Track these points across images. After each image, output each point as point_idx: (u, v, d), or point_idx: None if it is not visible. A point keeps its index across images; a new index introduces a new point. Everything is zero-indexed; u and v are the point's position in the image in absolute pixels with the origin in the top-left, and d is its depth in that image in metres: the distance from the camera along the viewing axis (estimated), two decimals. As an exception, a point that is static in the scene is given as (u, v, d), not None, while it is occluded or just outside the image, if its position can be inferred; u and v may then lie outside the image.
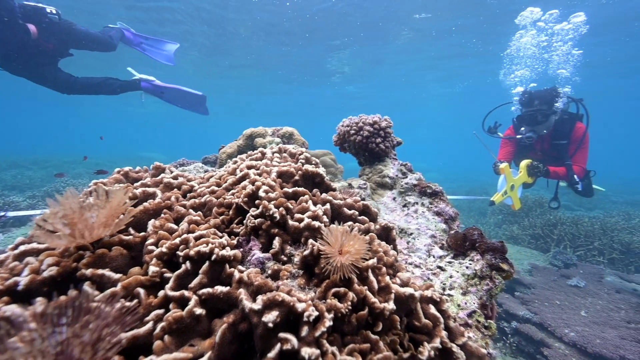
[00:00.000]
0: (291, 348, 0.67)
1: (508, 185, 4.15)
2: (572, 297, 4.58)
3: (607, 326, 3.91)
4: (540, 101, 4.44)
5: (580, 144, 4.49)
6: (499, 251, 1.30)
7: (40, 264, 0.80)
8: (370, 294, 0.84)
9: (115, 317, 0.69)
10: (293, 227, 0.95)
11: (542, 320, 4.01)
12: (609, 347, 3.47)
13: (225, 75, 17.89)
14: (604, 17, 9.47)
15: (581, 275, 4.98)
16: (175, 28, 11.18)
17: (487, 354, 0.98)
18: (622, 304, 4.33)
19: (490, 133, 4.92)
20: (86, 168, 15.36)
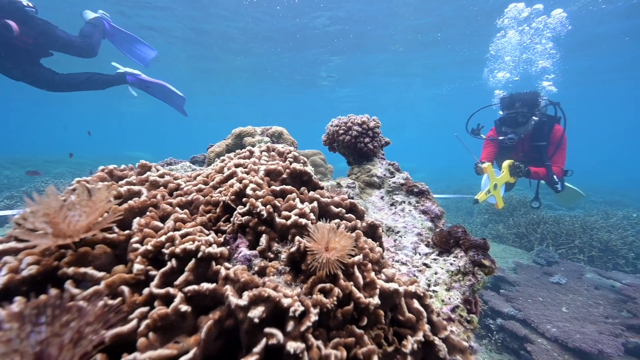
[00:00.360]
0: (277, 343, 0.67)
1: (491, 185, 4.26)
2: (554, 293, 4.72)
3: (587, 321, 4.05)
4: (521, 104, 4.59)
5: (559, 146, 4.67)
6: (482, 248, 1.33)
7: (19, 262, 0.78)
8: (356, 289, 0.85)
9: (97, 315, 0.68)
10: (280, 224, 0.95)
11: (526, 317, 4.12)
12: (588, 342, 3.59)
13: (214, 76, 17.73)
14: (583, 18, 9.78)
15: (563, 273, 5.14)
16: (163, 32, 11.01)
17: (468, 346, 1.00)
18: (601, 299, 4.49)
19: (474, 134, 5.06)
20: (69, 167, 14.93)
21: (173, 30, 11.12)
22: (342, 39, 12.05)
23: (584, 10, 9.28)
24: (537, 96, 4.62)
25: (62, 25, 4.24)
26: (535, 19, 8.29)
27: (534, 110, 4.60)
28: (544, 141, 4.70)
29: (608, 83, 17.60)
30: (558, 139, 4.68)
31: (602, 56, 12.89)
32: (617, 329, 3.75)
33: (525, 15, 8.32)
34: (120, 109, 38.17)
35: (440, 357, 0.85)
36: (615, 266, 5.51)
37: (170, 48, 12.84)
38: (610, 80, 16.87)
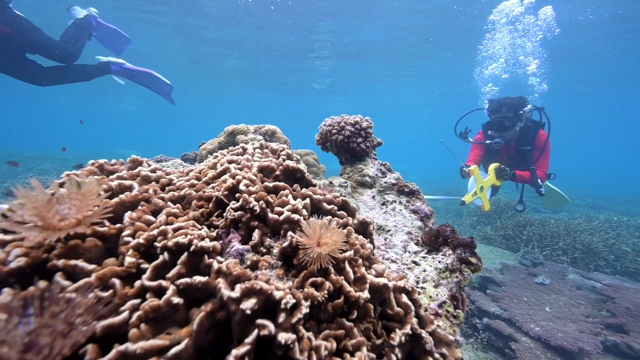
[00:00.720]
0: (268, 334, 0.69)
1: (477, 187, 4.34)
2: (538, 294, 4.84)
3: (569, 320, 4.17)
4: (508, 108, 4.69)
5: (543, 150, 4.79)
6: (469, 246, 1.37)
7: (6, 255, 0.77)
8: (346, 283, 0.87)
9: (88, 306, 0.68)
10: (273, 219, 0.96)
11: (511, 316, 4.21)
12: (569, 340, 3.70)
13: (206, 75, 17.59)
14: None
15: (547, 274, 5.28)
16: (156, 27, 10.86)
17: (454, 340, 1.03)
18: (582, 299, 4.63)
19: (462, 137, 5.14)
20: (53, 164, 14.56)
21: (166, 28, 10.99)
22: (335, 42, 12.13)
23: (572, 18, 9.55)
24: (523, 101, 4.72)
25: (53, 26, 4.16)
26: (526, 15, 8.50)
27: (519, 115, 4.70)
28: (529, 146, 4.82)
29: (590, 95, 18.16)
30: (542, 144, 4.78)
31: (588, 63, 13.29)
32: (597, 328, 3.87)
33: (516, 14, 8.52)
34: (108, 106, 37.45)
35: (427, 349, 0.87)
36: (596, 267, 5.68)
37: (163, 46, 12.71)
38: (592, 92, 17.41)
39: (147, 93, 21.77)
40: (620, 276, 5.44)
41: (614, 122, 42.08)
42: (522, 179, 4.79)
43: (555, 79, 13.69)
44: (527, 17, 8.60)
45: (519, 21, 8.72)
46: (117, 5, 10.10)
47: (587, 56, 12.02)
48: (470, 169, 4.35)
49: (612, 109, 27.02)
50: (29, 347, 0.59)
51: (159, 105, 33.41)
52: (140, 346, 0.63)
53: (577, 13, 9.42)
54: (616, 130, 53.23)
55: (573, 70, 13.33)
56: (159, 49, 13.70)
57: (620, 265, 5.64)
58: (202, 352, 0.72)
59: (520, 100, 4.72)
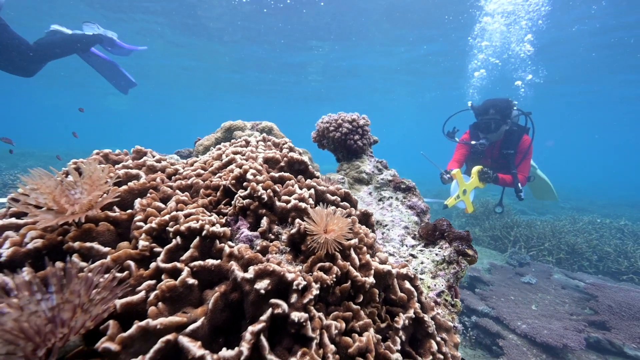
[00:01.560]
0: (282, 312, 0.72)
1: (460, 190, 4.37)
2: (525, 292, 4.97)
3: (554, 318, 4.29)
4: (495, 110, 4.72)
5: (526, 155, 4.85)
6: (465, 239, 1.43)
7: (22, 237, 0.78)
8: (353, 269, 0.90)
9: (106, 286, 0.70)
10: (280, 207, 0.99)
11: (499, 315, 4.32)
12: (554, 337, 3.81)
13: (198, 74, 17.44)
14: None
15: (533, 273, 5.43)
16: (146, 14, 10.69)
17: (453, 326, 1.08)
18: (567, 298, 4.78)
19: (449, 137, 5.16)
20: (38, 161, 14.19)
21: (156, 17, 10.83)
22: (327, 37, 12.20)
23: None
24: (510, 104, 4.76)
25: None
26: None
27: (506, 118, 4.74)
28: (512, 149, 4.86)
29: (575, 95, 18.67)
30: (525, 149, 4.80)
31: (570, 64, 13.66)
32: (581, 325, 4.01)
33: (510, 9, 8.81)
34: (96, 104, 36.67)
35: (429, 332, 0.91)
36: (580, 267, 5.87)
37: (153, 39, 12.54)
38: (574, 92, 17.91)
39: (138, 93, 21.26)
40: (603, 276, 5.64)
41: (596, 128, 43.53)
42: (504, 182, 4.83)
43: (542, 74, 14.06)
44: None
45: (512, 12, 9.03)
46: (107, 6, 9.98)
47: (572, 55, 12.36)
48: (453, 173, 4.29)
49: (595, 114, 27.96)
50: (52, 321, 0.60)
51: (148, 104, 32.94)
52: (160, 322, 0.65)
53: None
54: (598, 136, 55.08)
55: (558, 67, 13.69)
56: (152, 48, 13.54)
57: (603, 266, 5.84)
58: (216, 330, 0.74)
59: (507, 103, 4.77)
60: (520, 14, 9.04)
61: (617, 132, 45.46)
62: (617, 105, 20.88)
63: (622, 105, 19.81)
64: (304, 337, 0.72)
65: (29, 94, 36.31)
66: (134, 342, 0.64)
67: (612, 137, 55.42)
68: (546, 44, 10.50)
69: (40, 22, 10.49)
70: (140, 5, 9.74)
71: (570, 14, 8.91)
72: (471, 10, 9.25)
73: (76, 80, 19.91)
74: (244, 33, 11.28)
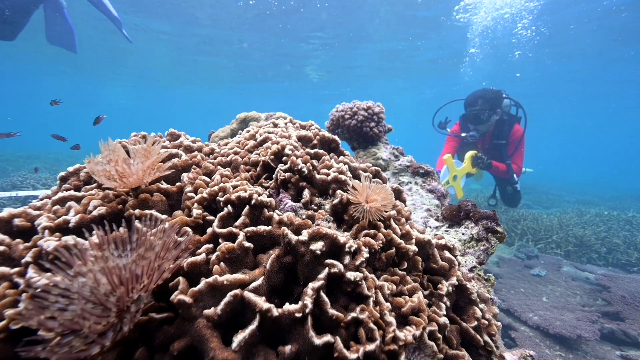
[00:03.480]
0: (338, 271, 0.74)
1: (450, 176, 4.22)
2: (534, 285, 4.97)
3: (566, 310, 4.30)
4: (483, 100, 4.56)
5: (518, 145, 4.72)
6: (492, 218, 1.45)
7: (85, 206, 0.81)
8: (396, 236, 0.93)
9: (172, 246, 0.72)
10: (321, 180, 1.02)
11: (509, 307, 4.33)
12: (567, 328, 3.82)
13: (199, 70, 17.51)
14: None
15: (542, 266, 5.43)
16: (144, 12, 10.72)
17: (490, 298, 1.10)
18: (578, 290, 4.78)
19: (440, 128, 5.06)
20: (45, 163, 14.29)
21: (156, 14, 10.87)
22: (328, 39, 12.24)
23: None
24: (499, 95, 4.64)
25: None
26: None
27: (495, 109, 4.55)
28: (504, 140, 4.69)
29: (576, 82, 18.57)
30: (518, 139, 4.68)
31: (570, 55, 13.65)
32: (594, 316, 4.01)
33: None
34: (96, 99, 36.85)
35: (472, 299, 0.94)
36: (589, 260, 5.87)
37: (154, 38, 12.60)
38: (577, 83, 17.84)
39: (136, 83, 21.03)
40: (613, 268, 5.63)
41: (599, 123, 43.41)
42: (498, 170, 4.71)
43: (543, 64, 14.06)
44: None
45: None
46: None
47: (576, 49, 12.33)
48: (444, 158, 4.16)
49: (598, 110, 27.89)
50: (129, 275, 0.63)
51: (150, 97, 33.01)
52: (226, 278, 0.68)
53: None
54: (600, 130, 54.86)
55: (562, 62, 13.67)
56: (149, 48, 13.63)
57: (612, 258, 5.83)
58: (273, 290, 0.76)
59: (497, 93, 4.64)
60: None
61: (618, 127, 45.27)
62: (614, 101, 20.84)
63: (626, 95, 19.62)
64: (360, 295, 0.75)
65: (31, 96, 36.53)
66: (203, 297, 0.67)
67: (615, 129, 55.26)
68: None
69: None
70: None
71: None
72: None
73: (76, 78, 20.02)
74: (245, 25, 11.28)
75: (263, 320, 0.66)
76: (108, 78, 21.19)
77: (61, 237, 0.73)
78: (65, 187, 0.95)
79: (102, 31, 11.87)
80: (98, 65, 16.86)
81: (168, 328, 0.67)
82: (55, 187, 1.00)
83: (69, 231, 0.76)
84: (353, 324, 0.69)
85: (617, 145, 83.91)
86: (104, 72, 19.17)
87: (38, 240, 0.76)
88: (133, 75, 19.62)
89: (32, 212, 0.85)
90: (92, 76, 20.67)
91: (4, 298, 0.67)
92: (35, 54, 15.24)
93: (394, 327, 0.68)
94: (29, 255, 0.73)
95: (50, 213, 0.81)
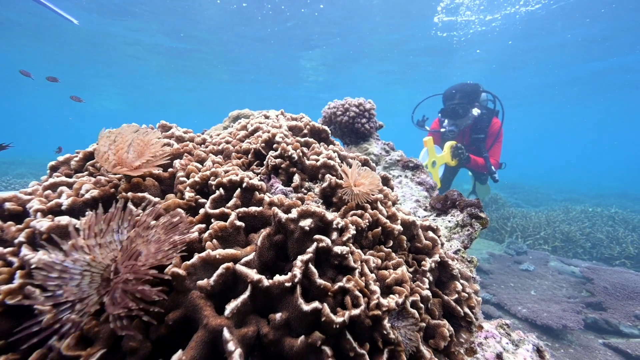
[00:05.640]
0: (325, 246, 0.78)
1: (430, 161, 4.09)
2: (523, 279, 5.09)
3: (552, 302, 4.41)
4: (461, 95, 4.54)
5: (497, 139, 4.72)
6: (476, 205, 1.51)
7: (77, 190, 0.83)
8: (382, 216, 0.97)
9: (165, 226, 0.75)
10: (310, 165, 1.06)
11: (499, 301, 4.42)
12: (553, 319, 3.92)
13: (191, 70, 17.41)
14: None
15: (531, 261, 5.56)
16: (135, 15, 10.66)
17: (472, 276, 1.15)
18: (564, 283, 4.91)
19: (419, 126, 5.05)
20: (29, 168, 13.98)
21: (147, 16, 10.78)
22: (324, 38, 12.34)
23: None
24: (477, 88, 4.59)
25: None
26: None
27: (473, 102, 4.54)
28: (483, 134, 4.69)
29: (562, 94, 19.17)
30: (496, 132, 4.68)
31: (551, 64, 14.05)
32: (578, 307, 4.13)
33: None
34: (82, 106, 36.20)
35: (454, 274, 0.98)
36: (575, 254, 6.03)
37: (145, 35, 12.48)
38: (564, 91, 18.39)
39: (129, 92, 20.68)
40: (597, 262, 5.80)
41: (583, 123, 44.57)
42: (476, 164, 4.70)
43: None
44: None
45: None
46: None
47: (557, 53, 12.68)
48: (425, 140, 4.02)
49: (583, 112, 28.68)
50: (126, 251, 0.65)
51: (138, 104, 32.62)
52: (218, 252, 0.71)
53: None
54: (583, 130, 56.31)
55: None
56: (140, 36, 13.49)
57: (596, 252, 6.01)
58: (264, 266, 0.80)
59: (475, 87, 4.58)
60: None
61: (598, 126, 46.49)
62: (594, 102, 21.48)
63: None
64: (346, 267, 0.79)
65: (18, 100, 35.74)
66: (196, 270, 0.70)
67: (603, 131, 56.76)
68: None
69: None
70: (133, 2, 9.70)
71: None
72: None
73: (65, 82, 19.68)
74: (238, 30, 11.30)
75: (254, 290, 0.69)
76: (95, 84, 20.87)
77: (53, 219, 0.75)
78: (56, 175, 0.97)
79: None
80: (84, 66, 16.58)
81: (163, 301, 0.70)
82: (45, 177, 1.01)
83: (61, 214, 0.78)
84: (340, 293, 0.73)
85: (604, 145, 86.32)
86: (91, 78, 18.87)
87: (30, 222, 0.78)
88: (122, 78, 19.40)
89: (23, 197, 0.87)
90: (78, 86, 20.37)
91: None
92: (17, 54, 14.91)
93: (378, 294, 0.72)
94: (22, 235, 0.75)
95: (42, 197, 0.83)
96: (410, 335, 0.73)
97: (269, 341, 0.67)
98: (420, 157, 4.19)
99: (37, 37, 12.08)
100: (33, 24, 10.93)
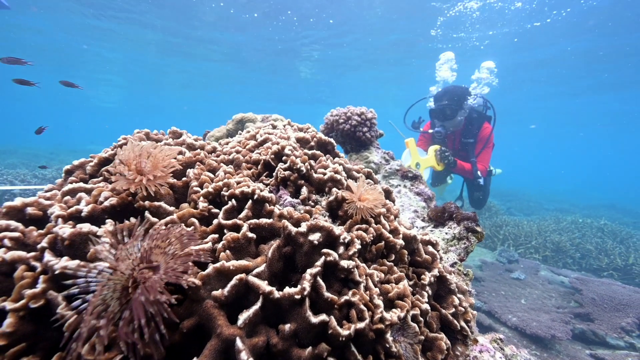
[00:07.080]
0: (333, 260, 0.82)
1: (412, 162, 3.94)
2: (514, 288, 5.18)
3: (542, 311, 4.51)
4: (450, 96, 4.48)
5: (486, 144, 4.62)
6: (473, 219, 1.56)
7: (96, 197, 0.86)
8: (385, 231, 1.02)
9: (178, 236, 0.78)
10: (318, 178, 1.10)
11: (490, 309, 4.51)
12: (542, 329, 4.01)
13: (191, 69, 17.36)
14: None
15: (522, 270, 5.66)
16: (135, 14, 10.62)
17: (468, 290, 1.21)
18: (553, 292, 5.01)
19: (414, 128, 4.99)
20: (21, 159, 13.81)
21: (146, 15, 10.74)
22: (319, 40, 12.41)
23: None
24: (465, 91, 4.54)
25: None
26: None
27: (462, 104, 4.47)
28: (472, 138, 4.61)
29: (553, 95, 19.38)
30: (486, 137, 4.59)
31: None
32: (567, 317, 4.22)
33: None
34: (80, 102, 35.85)
35: (451, 289, 1.03)
36: (564, 265, 6.16)
37: (143, 33, 12.43)
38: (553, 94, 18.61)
39: (126, 89, 20.50)
40: (585, 272, 5.93)
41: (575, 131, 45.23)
42: (463, 169, 4.62)
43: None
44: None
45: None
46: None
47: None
48: (406, 141, 3.89)
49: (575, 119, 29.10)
50: (143, 261, 0.69)
51: (135, 100, 32.39)
52: (232, 264, 0.75)
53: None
54: (583, 134, 57.16)
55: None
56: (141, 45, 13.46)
57: (585, 263, 6.14)
58: (273, 277, 0.84)
59: (464, 90, 4.53)
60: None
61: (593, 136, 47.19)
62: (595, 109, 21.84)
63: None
64: (352, 281, 0.83)
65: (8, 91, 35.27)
66: (210, 280, 0.74)
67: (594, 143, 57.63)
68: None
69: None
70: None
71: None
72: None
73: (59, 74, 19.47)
74: (236, 26, 11.30)
75: (265, 301, 0.73)
76: (95, 79, 20.68)
77: (75, 225, 0.78)
78: (72, 180, 1.00)
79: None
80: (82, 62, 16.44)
81: (177, 309, 0.73)
82: (60, 180, 1.04)
83: (81, 220, 0.81)
84: (345, 306, 0.77)
85: (595, 157, 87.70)
86: (88, 72, 18.69)
87: (52, 228, 0.81)
88: (121, 75, 19.27)
89: (43, 202, 0.90)
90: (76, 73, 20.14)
91: (22, 279, 0.72)
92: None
93: (382, 309, 0.76)
94: (45, 241, 0.78)
95: (62, 203, 0.86)
96: (411, 349, 0.78)
97: (278, 351, 0.71)
98: (402, 158, 4.07)
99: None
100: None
